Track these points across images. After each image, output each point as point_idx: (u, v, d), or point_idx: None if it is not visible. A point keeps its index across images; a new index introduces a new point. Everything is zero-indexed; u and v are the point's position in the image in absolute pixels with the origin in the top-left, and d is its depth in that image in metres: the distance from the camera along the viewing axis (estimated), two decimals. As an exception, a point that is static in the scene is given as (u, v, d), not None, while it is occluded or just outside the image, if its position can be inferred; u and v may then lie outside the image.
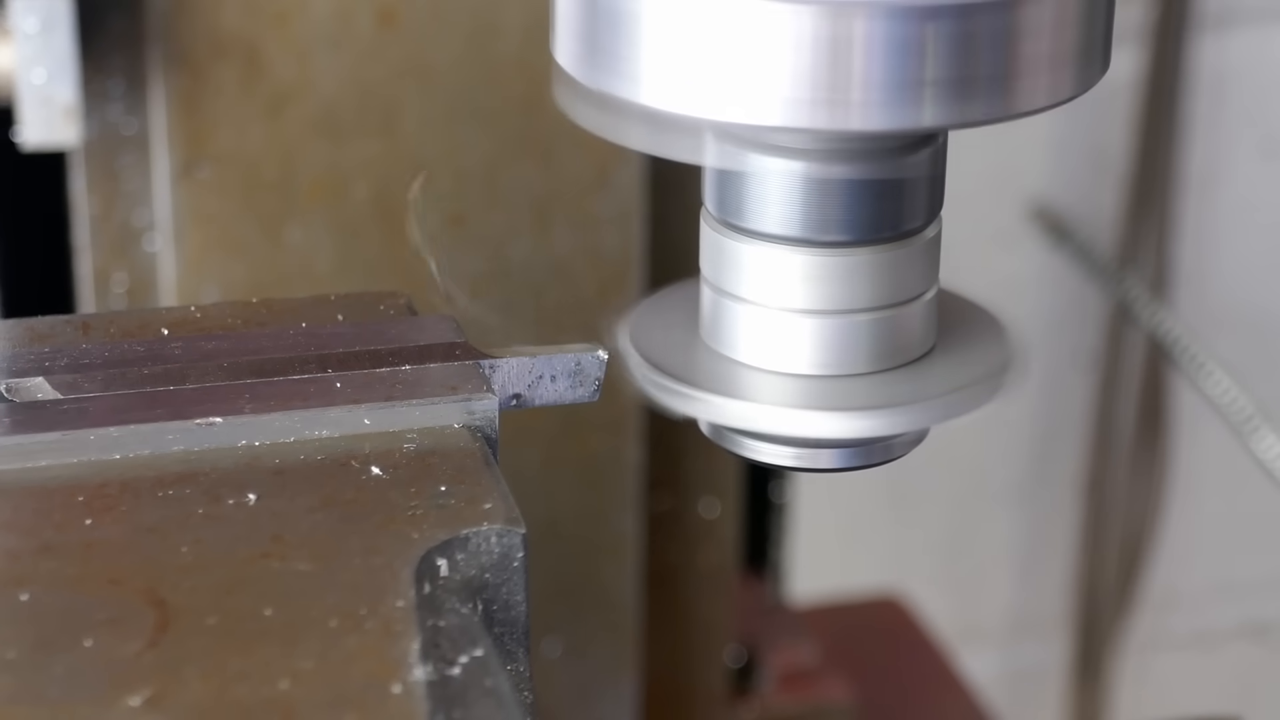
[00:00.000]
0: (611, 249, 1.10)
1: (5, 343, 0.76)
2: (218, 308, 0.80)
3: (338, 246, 1.07)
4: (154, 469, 0.70)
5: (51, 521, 0.67)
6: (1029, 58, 0.67)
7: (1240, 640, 2.10)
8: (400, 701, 0.59)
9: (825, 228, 0.72)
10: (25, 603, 0.63)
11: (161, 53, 1.02)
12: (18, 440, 0.70)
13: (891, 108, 0.65)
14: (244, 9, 1.02)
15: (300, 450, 0.71)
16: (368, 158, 1.06)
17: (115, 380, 0.74)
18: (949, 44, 0.65)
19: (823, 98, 0.65)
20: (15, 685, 0.60)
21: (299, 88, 1.04)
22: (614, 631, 1.16)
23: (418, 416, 0.72)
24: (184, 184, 1.04)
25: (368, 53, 1.04)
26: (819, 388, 0.73)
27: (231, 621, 0.62)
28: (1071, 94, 0.69)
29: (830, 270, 0.72)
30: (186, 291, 1.05)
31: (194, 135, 1.04)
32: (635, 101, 0.68)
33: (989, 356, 0.76)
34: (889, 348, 0.74)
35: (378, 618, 0.62)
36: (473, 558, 0.66)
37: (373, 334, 0.77)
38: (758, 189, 0.72)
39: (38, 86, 0.99)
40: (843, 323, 0.73)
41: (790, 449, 0.75)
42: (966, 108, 0.66)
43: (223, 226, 1.05)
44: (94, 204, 1.08)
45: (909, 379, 0.74)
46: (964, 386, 0.74)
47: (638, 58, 0.67)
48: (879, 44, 0.65)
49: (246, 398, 0.72)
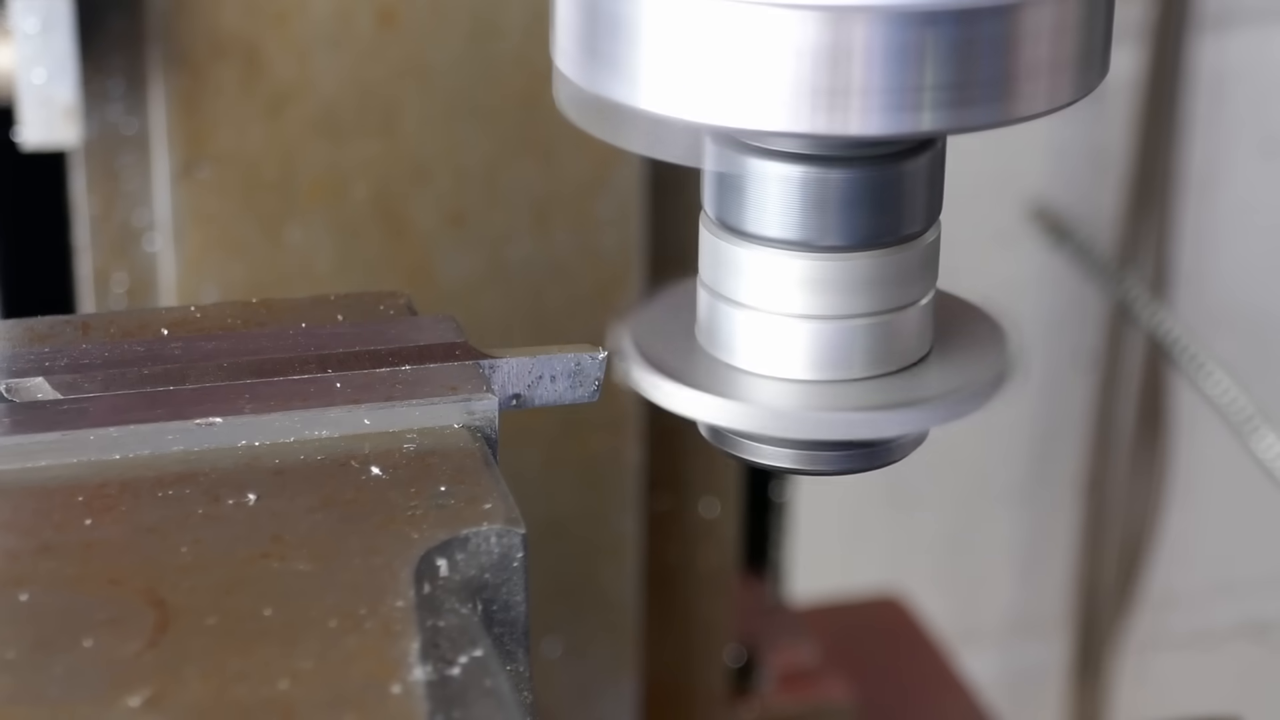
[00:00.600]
0: (611, 249, 1.10)
1: (5, 343, 0.76)
2: (218, 308, 0.80)
3: (338, 246, 1.07)
4: (154, 469, 0.70)
5: (51, 521, 0.67)
6: (1028, 63, 0.67)
7: (1240, 640, 2.10)
8: (400, 702, 0.59)
9: (824, 233, 0.72)
10: (25, 603, 0.63)
11: (161, 53, 1.02)
12: (17, 440, 0.70)
13: (890, 113, 0.65)
14: (244, 9, 1.02)
15: (300, 450, 0.71)
16: (368, 158, 1.06)
17: (115, 380, 0.74)
18: (948, 49, 0.65)
19: (822, 103, 0.65)
20: (15, 685, 0.60)
21: (299, 88, 1.04)
22: (614, 631, 1.16)
23: (417, 417, 0.72)
24: (184, 184, 1.04)
25: (368, 53, 1.04)
26: (817, 391, 0.73)
27: (231, 621, 0.62)
28: (1071, 99, 0.69)
29: (828, 275, 0.72)
30: (186, 291, 1.05)
31: (194, 135, 1.04)
32: (634, 106, 0.68)
33: (988, 359, 0.76)
34: (886, 352, 0.74)
35: (377, 618, 0.62)
36: (472, 558, 0.66)
37: (373, 334, 0.77)
38: (757, 193, 0.72)
39: (38, 86, 0.99)
40: (840, 327, 0.73)
41: (789, 452, 0.75)
42: (965, 113, 0.66)
43: (223, 226, 1.05)
44: (94, 204, 1.08)
45: (907, 382, 0.74)
46: (962, 389, 0.74)
47: (637, 62, 0.67)
48: (878, 49, 0.65)
49: (246, 398, 0.72)
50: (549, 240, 1.09)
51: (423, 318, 0.78)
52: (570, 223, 1.09)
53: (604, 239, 1.10)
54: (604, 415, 1.12)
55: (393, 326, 0.78)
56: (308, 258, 1.06)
